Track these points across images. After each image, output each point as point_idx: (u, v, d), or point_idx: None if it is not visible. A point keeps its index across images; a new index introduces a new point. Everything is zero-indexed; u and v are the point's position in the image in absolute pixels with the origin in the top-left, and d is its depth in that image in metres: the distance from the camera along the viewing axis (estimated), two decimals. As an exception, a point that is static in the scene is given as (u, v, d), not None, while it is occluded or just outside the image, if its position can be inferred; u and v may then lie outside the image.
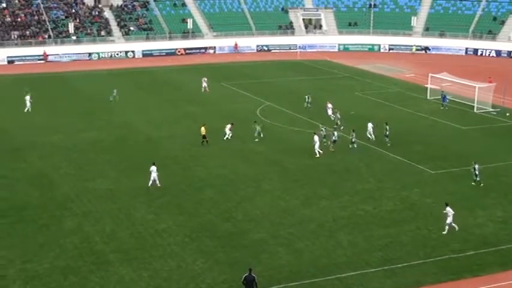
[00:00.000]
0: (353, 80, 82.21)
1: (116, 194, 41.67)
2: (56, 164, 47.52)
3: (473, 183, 43.64)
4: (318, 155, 48.94)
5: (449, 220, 35.99)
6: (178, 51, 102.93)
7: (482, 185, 43.45)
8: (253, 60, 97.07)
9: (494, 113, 64.31)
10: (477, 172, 43.53)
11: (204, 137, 51.97)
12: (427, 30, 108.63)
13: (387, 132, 52.32)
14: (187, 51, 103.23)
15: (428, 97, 70.10)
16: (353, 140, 51.10)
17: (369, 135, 53.20)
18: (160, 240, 35.20)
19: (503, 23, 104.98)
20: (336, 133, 51.10)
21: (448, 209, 36.15)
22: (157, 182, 42.46)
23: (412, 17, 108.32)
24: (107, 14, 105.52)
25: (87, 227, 36.62)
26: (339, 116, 57.88)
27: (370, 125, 53.52)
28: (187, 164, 47.61)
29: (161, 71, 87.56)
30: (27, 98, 64.23)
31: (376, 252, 34.02)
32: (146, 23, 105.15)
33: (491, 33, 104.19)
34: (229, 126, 53.83)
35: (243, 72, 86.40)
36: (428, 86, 72.04)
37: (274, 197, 41.25)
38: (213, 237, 35.58)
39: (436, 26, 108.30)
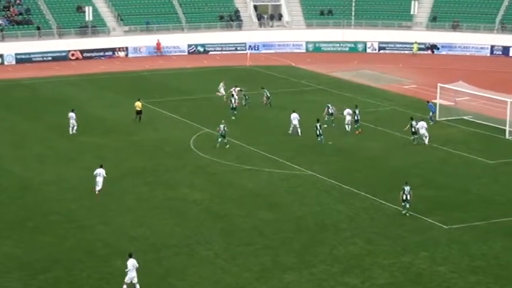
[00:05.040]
0: (327, 94, 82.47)
1: (-24, 268, 40.78)
2: None
3: (404, 212, 47.60)
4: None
5: None
6: (73, 55, 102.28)
7: (408, 214, 46.70)
8: (184, 67, 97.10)
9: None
10: (408, 197, 46.70)
11: (138, 112, 66.62)
12: (434, 20, 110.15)
13: (358, 117, 65.51)
14: (85, 54, 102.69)
15: (437, 118, 70.71)
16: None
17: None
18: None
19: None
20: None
21: None
22: (99, 187, 50.11)
23: (412, 2, 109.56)
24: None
25: None
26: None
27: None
28: (84, 221, 46.96)
29: (46, 85, 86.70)
30: None
31: None
32: (21, 13, 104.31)
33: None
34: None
35: (169, 85, 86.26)
36: (438, 101, 72.55)
37: (216, 269, 40.84)
38: (125, 331, 35.03)
39: (447, 14, 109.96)
